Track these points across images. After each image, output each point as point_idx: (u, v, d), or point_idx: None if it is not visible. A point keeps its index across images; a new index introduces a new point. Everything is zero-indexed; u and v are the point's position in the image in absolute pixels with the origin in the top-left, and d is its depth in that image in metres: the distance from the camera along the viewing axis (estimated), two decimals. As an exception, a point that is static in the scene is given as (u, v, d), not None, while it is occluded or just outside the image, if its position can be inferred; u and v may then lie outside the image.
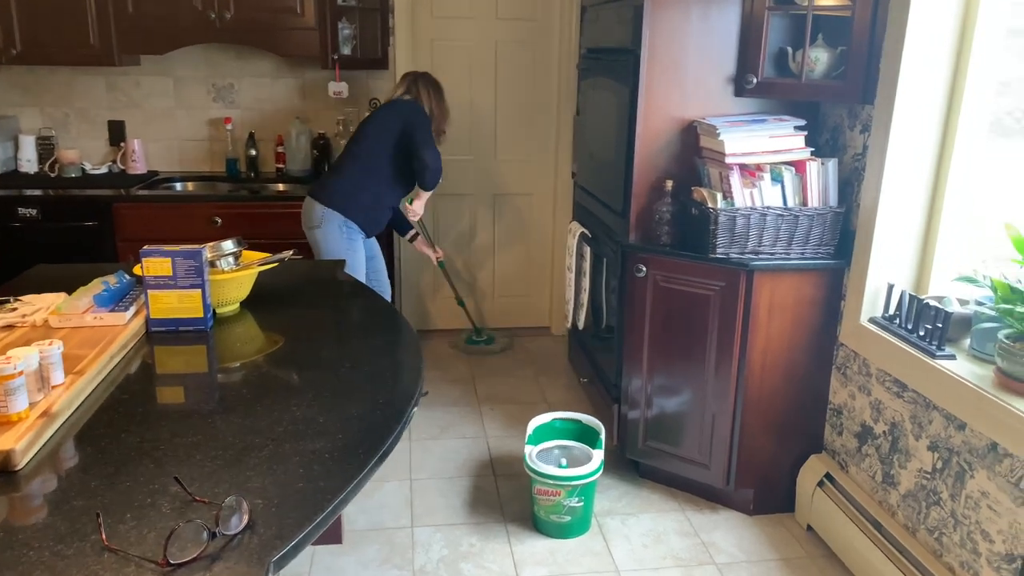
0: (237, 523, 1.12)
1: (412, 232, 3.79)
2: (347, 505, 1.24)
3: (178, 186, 3.94)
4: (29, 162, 3.90)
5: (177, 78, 4.00)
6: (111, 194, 3.57)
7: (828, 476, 2.66)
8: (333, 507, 1.19)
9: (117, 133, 4.03)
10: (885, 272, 2.47)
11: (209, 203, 3.63)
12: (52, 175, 3.87)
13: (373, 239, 3.51)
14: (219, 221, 3.59)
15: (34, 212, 3.50)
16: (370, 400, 1.56)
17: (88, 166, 3.95)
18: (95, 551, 1.08)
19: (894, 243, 2.45)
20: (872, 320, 2.48)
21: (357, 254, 3.30)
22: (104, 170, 3.97)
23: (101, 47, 3.60)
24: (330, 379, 1.67)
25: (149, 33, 3.61)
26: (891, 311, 2.45)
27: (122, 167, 4.00)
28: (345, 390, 1.61)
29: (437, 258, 3.99)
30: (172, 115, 4.06)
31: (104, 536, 1.10)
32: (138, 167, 3.98)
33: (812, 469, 2.74)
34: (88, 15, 3.54)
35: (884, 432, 2.44)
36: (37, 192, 3.57)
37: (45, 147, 3.93)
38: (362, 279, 3.36)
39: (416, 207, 3.53)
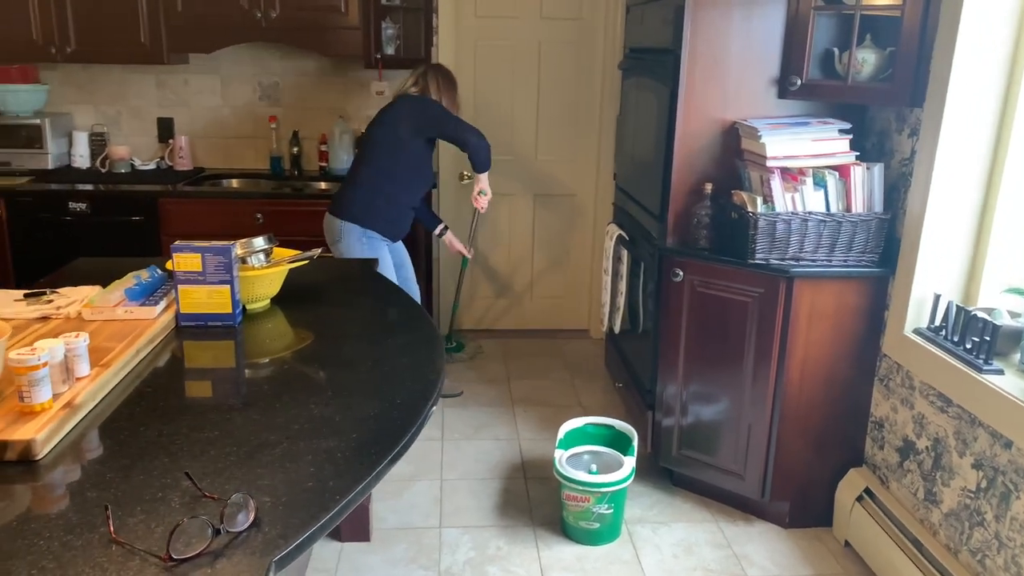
0: (243, 520, 1.12)
1: (441, 227, 3.68)
2: (355, 506, 1.23)
3: (223, 183, 4.00)
4: (82, 157, 4.00)
5: (224, 76, 4.07)
6: (157, 190, 3.65)
7: (868, 491, 2.57)
8: (339, 508, 1.18)
9: (166, 130, 4.12)
10: (932, 281, 2.38)
11: (251, 200, 3.68)
12: (103, 171, 3.97)
13: (400, 246, 3.46)
14: (261, 218, 3.64)
15: (84, 207, 3.59)
16: (388, 400, 1.55)
17: (137, 162, 4.04)
18: (103, 543, 1.08)
19: (942, 251, 2.35)
20: (917, 331, 2.39)
21: (383, 262, 3.25)
22: (152, 166, 4.06)
23: (151, 45, 3.68)
24: (350, 377, 1.67)
25: (197, 32, 3.68)
26: (937, 322, 2.35)
27: (170, 163, 4.08)
28: (364, 389, 1.61)
29: (468, 255, 3.90)
30: (219, 113, 4.13)
31: (112, 529, 1.11)
32: (185, 164, 4.06)
33: (851, 483, 2.65)
34: (139, 14, 3.62)
35: (927, 448, 2.35)
36: (88, 187, 3.67)
37: (97, 143, 4.04)
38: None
39: (487, 191, 3.43)
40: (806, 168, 2.51)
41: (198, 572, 1.03)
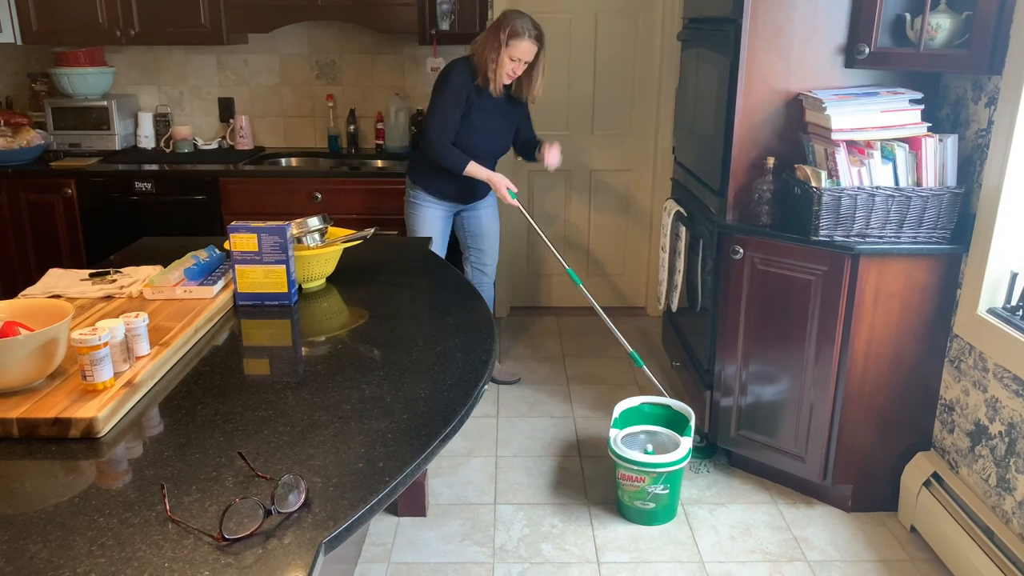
0: (294, 501, 1.13)
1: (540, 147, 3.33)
2: (404, 488, 1.23)
3: (282, 162, 4.05)
4: (147, 138, 4.10)
5: (282, 56, 4.10)
6: (218, 169, 3.71)
7: (936, 476, 2.48)
8: (389, 490, 1.18)
9: (226, 110, 4.18)
10: (1008, 259, 2.26)
11: (309, 179, 3.71)
12: (167, 151, 4.06)
13: (484, 214, 3.42)
14: (319, 197, 3.67)
15: (149, 186, 3.68)
16: (438, 380, 1.55)
17: (200, 142, 4.12)
18: (159, 521, 1.11)
19: (1020, 227, 2.23)
20: (991, 311, 2.29)
21: (422, 221, 3.30)
22: (214, 146, 4.14)
23: (211, 26, 3.72)
24: (403, 357, 1.67)
25: (255, 11, 3.71)
26: (1013, 302, 2.24)
27: (231, 143, 4.15)
28: (415, 369, 1.61)
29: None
30: (278, 92, 4.17)
31: (168, 507, 1.13)
32: (245, 143, 4.12)
33: (918, 467, 2.56)
34: (199, -5, 3.67)
35: (1000, 433, 2.25)
36: (152, 167, 3.75)
37: (162, 124, 4.13)
38: (435, 249, 3.28)
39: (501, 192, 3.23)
40: (874, 141, 2.40)
41: (249, 552, 1.04)
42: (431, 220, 3.31)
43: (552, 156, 3.27)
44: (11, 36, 3.72)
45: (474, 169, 3.11)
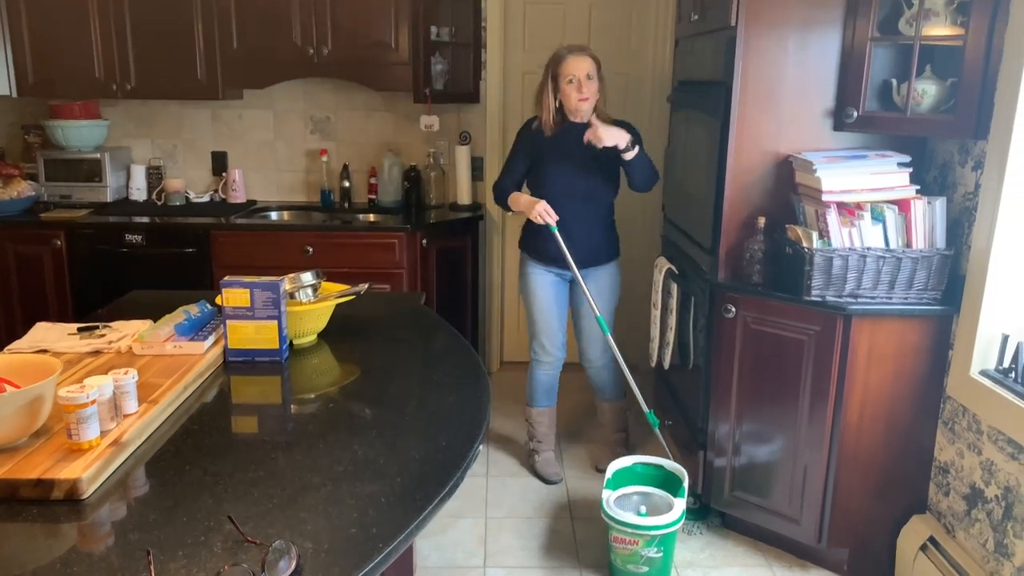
0: (284, 568, 1.09)
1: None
2: (399, 554, 1.19)
3: (274, 215, 4.06)
4: (139, 190, 4.10)
5: (277, 111, 4.14)
6: (209, 222, 3.70)
7: (932, 540, 2.45)
8: (382, 557, 1.15)
9: (220, 163, 4.20)
10: (999, 321, 2.27)
11: (301, 233, 3.71)
12: (159, 203, 4.06)
13: (582, 283, 3.08)
14: (311, 251, 3.66)
15: (139, 239, 3.67)
16: (432, 441, 1.52)
17: (192, 195, 4.12)
18: (143, 589, 1.07)
19: (1010, 290, 2.25)
20: (984, 373, 2.29)
21: (529, 287, 3.21)
22: (206, 199, 4.14)
23: (207, 81, 3.76)
24: (395, 417, 1.64)
25: (251, 68, 3.75)
26: (1006, 364, 2.25)
27: (223, 196, 4.15)
28: (409, 429, 1.58)
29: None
30: (272, 146, 4.20)
31: (153, 575, 1.09)
32: (238, 196, 4.13)
33: (914, 531, 2.53)
34: (196, 51, 3.71)
35: (996, 496, 2.23)
36: (143, 219, 3.74)
37: (154, 176, 4.13)
38: (542, 316, 3.21)
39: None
40: (864, 202, 2.43)
41: (238, 623, 1.01)
42: (540, 286, 3.19)
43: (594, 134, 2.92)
44: (6, 88, 3.75)
45: (514, 199, 3.11)
